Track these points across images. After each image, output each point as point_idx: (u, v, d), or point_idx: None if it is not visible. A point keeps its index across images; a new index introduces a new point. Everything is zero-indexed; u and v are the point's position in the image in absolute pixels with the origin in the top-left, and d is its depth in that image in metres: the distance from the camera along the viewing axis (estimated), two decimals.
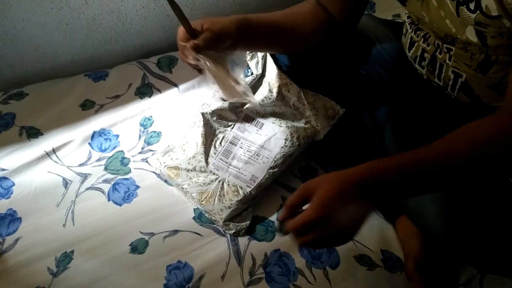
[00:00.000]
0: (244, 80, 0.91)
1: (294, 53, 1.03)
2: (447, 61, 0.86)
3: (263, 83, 1.05)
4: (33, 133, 1.18)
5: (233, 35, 0.82)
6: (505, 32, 0.70)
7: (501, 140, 0.64)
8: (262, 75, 1.06)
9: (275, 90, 1.01)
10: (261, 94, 1.04)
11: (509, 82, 0.69)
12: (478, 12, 0.70)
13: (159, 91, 1.31)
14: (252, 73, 1.07)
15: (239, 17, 0.84)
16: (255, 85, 1.07)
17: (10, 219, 1.02)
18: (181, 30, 0.81)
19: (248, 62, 1.13)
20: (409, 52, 0.98)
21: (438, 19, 0.80)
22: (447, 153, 0.65)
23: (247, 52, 1.09)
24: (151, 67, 1.37)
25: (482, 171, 0.68)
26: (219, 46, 0.82)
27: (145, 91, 1.30)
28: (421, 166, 0.64)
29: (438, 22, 0.81)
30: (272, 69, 1.03)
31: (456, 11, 0.74)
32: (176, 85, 1.32)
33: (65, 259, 0.96)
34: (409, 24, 0.95)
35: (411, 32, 0.94)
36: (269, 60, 1.06)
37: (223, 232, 1.01)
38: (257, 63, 1.09)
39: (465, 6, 0.72)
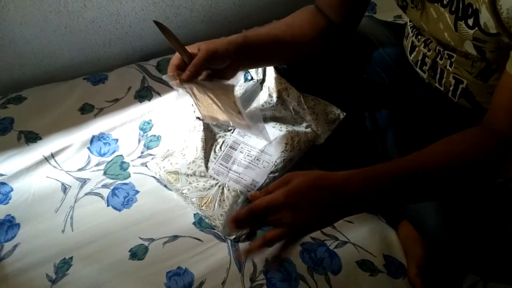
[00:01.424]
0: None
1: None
2: (447, 67, 0.85)
3: (263, 88, 1.04)
4: (31, 138, 1.17)
5: (231, 54, 0.79)
6: (504, 47, 0.69)
7: (478, 157, 0.67)
8: (263, 80, 1.05)
9: (274, 95, 1.00)
10: (261, 99, 1.03)
11: (494, 97, 0.70)
12: (477, 28, 0.70)
13: (159, 94, 1.30)
14: (252, 78, 1.07)
15: (237, 37, 0.83)
16: (255, 90, 1.06)
17: (9, 225, 1.01)
18: (175, 57, 0.79)
19: None
20: (410, 55, 0.97)
21: (436, 31, 0.79)
22: (422, 167, 0.67)
23: None
24: (151, 70, 1.36)
25: (459, 186, 0.70)
26: (215, 66, 0.80)
27: (144, 94, 1.30)
28: (397, 181, 0.66)
29: (436, 34, 0.80)
30: (271, 74, 1.02)
31: (454, 26, 0.73)
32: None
33: (64, 266, 0.95)
34: (410, 27, 0.94)
35: (412, 36, 0.93)
36: None
37: (223, 238, 0.99)
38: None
39: (463, 21, 0.71)
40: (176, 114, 1.24)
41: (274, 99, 1.01)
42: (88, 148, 1.16)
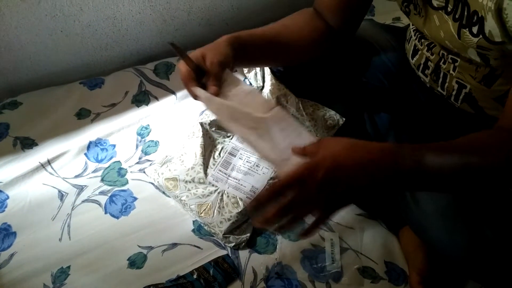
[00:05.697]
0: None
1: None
2: (451, 72, 0.84)
3: (262, 94, 1.03)
4: (27, 144, 1.16)
5: (231, 57, 0.78)
6: (509, 54, 0.68)
7: (498, 155, 0.63)
8: (262, 86, 1.04)
9: (273, 101, 0.99)
10: None
11: (509, 98, 0.68)
12: (481, 36, 0.69)
13: (156, 98, 1.28)
14: (251, 85, 1.05)
15: (230, 37, 0.80)
16: None
17: (5, 233, 1.00)
18: (183, 68, 0.76)
19: (247, 75, 1.10)
20: (412, 59, 0.96)
21: (438, 39, 0.79)
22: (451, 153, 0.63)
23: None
24: (148, 73, 1.35)
25: (475, 183, 0.66)
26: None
27: (142, 98, 1.28)
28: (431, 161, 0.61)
29: (438, 41, 0.80)
30: (270, 80, 1.01)
31: (458, 33, 0.72)
32: (173, 93, 1.30)
33: (61, 275, 0.94)
34: (413, 31, 0.93)
35: (415, 39, 0.92)
36: (267, 70, 1.03)
37: (223, 245, 0.98)
38: (256, 74, 1.06)
39: (467, 29, 0.70)
40: (174, 119, 1.23)
41: None
42: (85, 154, 1.15)
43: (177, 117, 1.23)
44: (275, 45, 0.88)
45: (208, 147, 1.05)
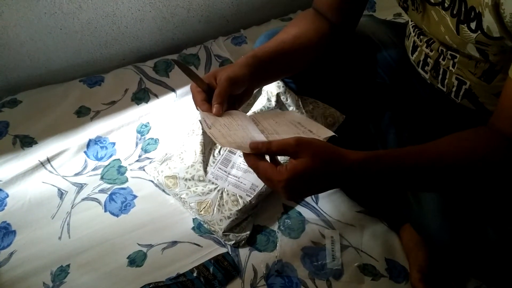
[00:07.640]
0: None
1: None
2: (450, 68, 0.84)
3: (262, 92, 1.02)
4: (27, 142, 1.16)
5: (247, 79, 0.76)
6: (508, 50, 0.68)
7: (485, 156, 0.67)
8: None
9: (273, 99, 0.99)
10: (260, 103, 1.02)
11: (499, 100, 0.68)
12: (479, 32, 0.68)
13: (156, 96, 1.28)
14: None
15: (248, 59, 0.79)
16: (255, 94, 1.05)
17: (4, 232, 1.00)
18: (194, 90, 0.75)
19: None
20: (412, 56, 0.95)
21: (437, 34, 0.78)
22: (433, 157, 0.67)
23: None
24: (148, 71, 1.35)
25: (462, 183, 0.70)
26: (235, 92, 0.76)
27: (141, 96, 1.28)
28: (398, 164, 0.67)
29: (438, 36, 0.79)
30: None
31: (456, 29, 0.72)
32: (173, 90, 1.29)
33: (61, 274, 0.94)
34: (412, 27, 0.92)
35: (414, 35, 0.91)
36: None
37: (223, 243, 0.98)
38: None
39: (465, 25, 0.70)
40: (174, 117, 1.22)
41: (273, 103, 0.99)
42: (84, 152, 1.15)
43: (177, 115, 1.23)
44: (290, 58, 0.87)
45: (208, 145, 1.04)
